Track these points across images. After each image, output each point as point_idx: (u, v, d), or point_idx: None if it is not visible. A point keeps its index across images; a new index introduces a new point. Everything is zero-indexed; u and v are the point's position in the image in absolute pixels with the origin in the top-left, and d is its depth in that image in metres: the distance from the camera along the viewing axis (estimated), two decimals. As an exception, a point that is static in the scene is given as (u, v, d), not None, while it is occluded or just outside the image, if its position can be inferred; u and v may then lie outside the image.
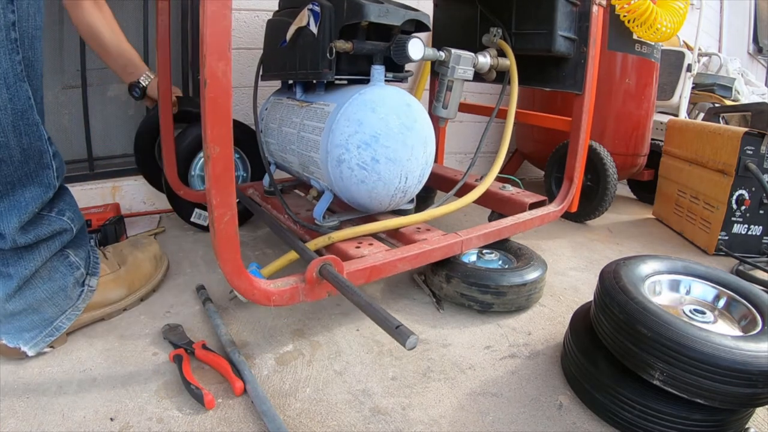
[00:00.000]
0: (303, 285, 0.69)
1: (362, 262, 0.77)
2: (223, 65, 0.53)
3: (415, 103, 0.88)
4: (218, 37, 0.52)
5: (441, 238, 0.89)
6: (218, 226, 0.58)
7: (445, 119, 1.00)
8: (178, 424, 0.60)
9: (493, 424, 0.64)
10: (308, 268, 0.68)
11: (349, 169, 0.82)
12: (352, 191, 0.85)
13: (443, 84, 0.97)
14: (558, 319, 0.92)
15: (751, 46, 4.85)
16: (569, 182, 1.19)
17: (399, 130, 0.83)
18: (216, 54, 0.52)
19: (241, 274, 0.63)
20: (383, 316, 0.54)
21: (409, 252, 0.82)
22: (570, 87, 1.14)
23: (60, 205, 0.74)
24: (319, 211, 0.91)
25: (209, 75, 0.52)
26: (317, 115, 0.88)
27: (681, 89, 2.12)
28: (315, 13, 0.84)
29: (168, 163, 1.14)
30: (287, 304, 0.69)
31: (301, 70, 0.91)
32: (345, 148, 0.81)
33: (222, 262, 0.60)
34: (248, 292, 0.64)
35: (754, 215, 1.32)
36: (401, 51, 0.84)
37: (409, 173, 0.87)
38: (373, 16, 0.81)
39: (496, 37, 1.10)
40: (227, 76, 0.53)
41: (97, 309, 0.81)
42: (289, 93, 1.05)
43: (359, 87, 0.86)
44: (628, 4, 1.38)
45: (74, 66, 1.34)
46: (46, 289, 0.72)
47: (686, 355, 0.55)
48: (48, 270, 0.72)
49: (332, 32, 0.83)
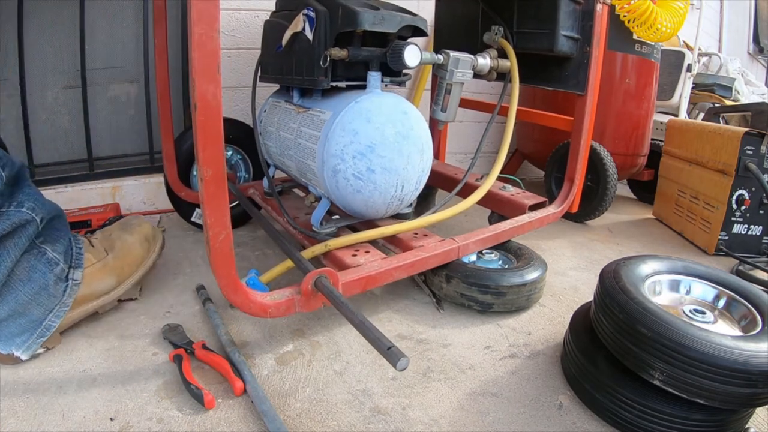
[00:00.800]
0: (299, 297, 0.70)
1: (357, 272, 0.77)
2: (213, 88, 0.53)
3: (412, 110, 0.88)
4: (206, 60, 0.52)
5: (438, 245, 0.89)
6: (214, 245, 0.59)
7: (444, 122, 1.00)
8: (178, 424, 0.60)
9: (493, 424, 0.64)
10: (304, 281, 0.69)
11: (344, 180, 0.82)
12: (348, 200, 0.86)
13: (442, 87, 0.97)
14: (558, 319, 0.92)
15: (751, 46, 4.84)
16: (570, 183, 1.19)
17: (395, 139, 0.83)
18: (205, 77, 0.52)
19: (237, 289, 0.64)
20: (375, 336, 0.54)
21: (404, 260, 0.82)
22: (572, 87, 1.13)
23: (18, 198, 0.70)
24: (317, 218, 0.91)
25: (199, 98, 0.52)
26: (313, 122, 0.87)
27: (681, 89, 2.11)
28: (310, 18, 0.83)
29: (168, 164, 1.14)
30: (283, 315, 0.70)
31: (297, 76, 0.90)
32: (341, 158, 0.81)
33: (218, 278, 0.62)
34: (245, 306, 0.66)
35: (754, 215, 1.32)
36: (397, 58, 0.84)
37: (406, 181, 0.87)
38: (368, 24, 0.79)
39: (497, 36, 1.10)
40: (217, 98, 0.54)
41: (89, 302, 0.78)
42: (287, 95, 1.05)
43: (355, 94, 0.86)
44: (628, 4, 1.38)
45: (74, 66, 1.34)
46: (27, 291, 0.70)
47: (686, 355, 0.55)
48: (25, 270, 0.70)
49: (327, 39, 0.82)
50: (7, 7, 1.21)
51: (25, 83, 1.26)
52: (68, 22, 1.29)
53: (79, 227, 1.11)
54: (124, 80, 1.43)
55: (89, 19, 1.32)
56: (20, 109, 1.27)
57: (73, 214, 1.17)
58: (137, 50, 1.41)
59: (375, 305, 0.94)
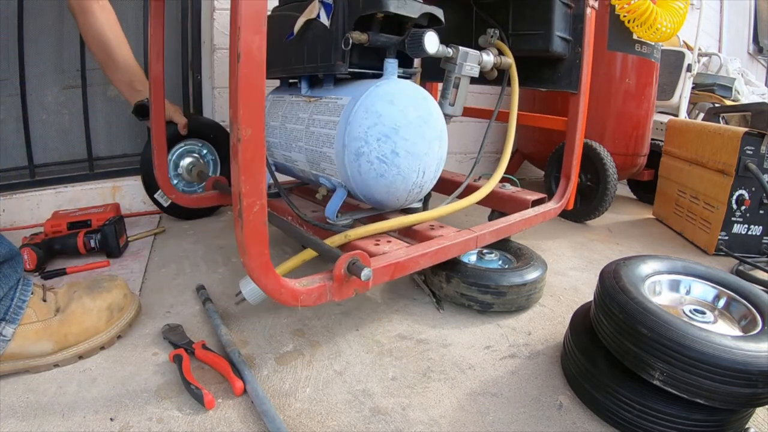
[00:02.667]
0: (331, 283, 0.65)
1: (385, 259, 0.74)
2: (259, 39, 0.50)
3: (430, 97, 0.88)
4: (254, 8, 0.48)
5: (456, 234, 0.88)
6: (247, 217, 0.52)
7: (451, 117, 1.00)
8: (178, 424, 0.60)
9: (493, 424, 0.64)
10: (336, 265, 0.64)
11: (368, 163, 0.80)
12: (370, 186, 0.83)
13: (450, 81, 0.96)
14: (558, 319, 0.92)
15: (751, 46, 4.84)
16: (566, 180, 1.21)
17: (417, 123, 0.82)
18: (251, 27, 0.49)
19: (269, 271, 0.58)
20: None
21: (429, 248, 0.81)
22: (566, 87, 1.16)
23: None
24: (333, 209, 0.88)
25: (244, 49, 0.49)
26: (329, 109, 0.86)
27: (681, 89, 2.12)
28: (326, 4, 0.81)
29: (160, 168, 1.12)
30: (314, 304, 0.64)
31: (310, 64, 0.88)
32: (364, 141, 0.79)
33: (249, 258, 0.55)
34: (275, 292, 0.60)
35: (754, 215, 1.32)
36: (417, 44, 0.83)
37: (427, 168, 0.86)
38: (393, 6, 0.78)
39: (493, 38, 1.11)
40: (262, 51, 0.50)
41: (16, 360, 0.68)
42: (291, 90, 1.03)
43: (372, 80, 0.85)
44: (628, 4, 1.38)
45: (74, 66, 1.34)
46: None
47: (686, 355, 0.55)
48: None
49: (346, 24, 0.81)
50: (7, 7, 1.21)
51: (25, 83, 1.26)
52: (68, 22, 1.29)
53: (80, 227, 1.11)
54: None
55: (89, 19, 1.32)
56: (20, 109, 1.27)
57: (73, 214, 1.17)
58: (137, 50, 1.40)
59: (375, 305, 0.94)
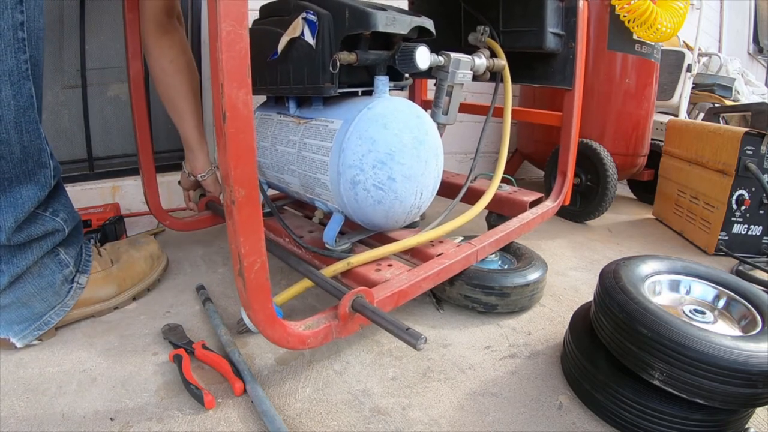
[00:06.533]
0: (336, 322, 0.64)
1: (388, 287, 0.72)
2: (243, 94, 0.46)
3: (423, 113, 0.85)
4: (236, 61, 0.45)
5: (457, 251, 0.86)
6: (249, 276, 0.52)
7: (444, 126, 0.98)
8: (178, 424, 0.60)
9: (492, 424, 0.64)
10: (341, 305, 0.63)
11: (364, 191, 0.78)
12: (367, 213, 0.81)
13: (442, 89, 0.94)
14: (558, 319, 0.92)
15: (751, 46, 4.84)
16: (563, 177, 1.19)
17: (413, 145, 0.79)
18: (235, 81, 0.45)
19: (275, 323, 0.58)
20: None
21: (431, 270, 0.78)
22: (559, 83, 1.14)
23: (54, 206, 0.74)
24: (331, 235, 0.84)
25: (229, 107, 0.46)
26: (320, 133, 0.82)
27: (681, 89, 2.11)
28: (311, 22, 0.77)
29: (150, 194, 1.10)
30: (321, 344, 0.64)
31: (297, 85, 0.84)
32: (360, 169, 0.76)
33: (254, 312, 0.55)
34: (282, 340, 0.60)
35: (754, 215, 1.32)
36: (408, 60, 0.80)
37: (424, 188, 0.84)
38: (381, 25, 0.74)
39: (483, 36, 1.08)
40: (248, 106, 0.47)
41: (87, 306, 0.82)
42: (278, 107, 0.98)
43: (363, 100, 0.82)
44: (628, 4, 1.38)
45: (74, 66, 1.34)
46: (35, 285, 0.73)
47: (686, 355, 0.55)
48: (38, 266, 0.73)
49: (333, 43, 0.77)
50: (7, 7, 1.21)
51: (25, 83, 1.26)
52: (68, 22, 1.29)
53: (79, 227, 1.11)
54: (124, 80, 1.43)
55: (89, 19, 1.32)
56: (20, 109, 1.27)
57: (73, 214, 1.17)
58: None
59: (375, 305, 0.94)
